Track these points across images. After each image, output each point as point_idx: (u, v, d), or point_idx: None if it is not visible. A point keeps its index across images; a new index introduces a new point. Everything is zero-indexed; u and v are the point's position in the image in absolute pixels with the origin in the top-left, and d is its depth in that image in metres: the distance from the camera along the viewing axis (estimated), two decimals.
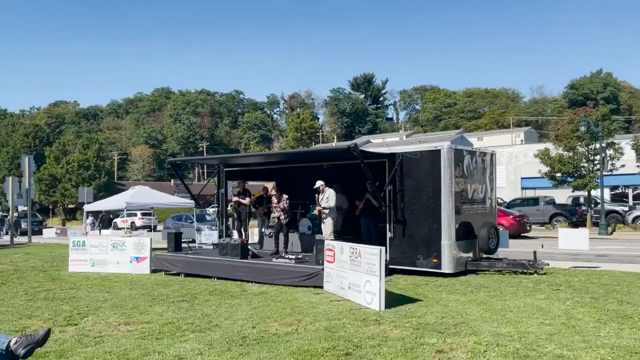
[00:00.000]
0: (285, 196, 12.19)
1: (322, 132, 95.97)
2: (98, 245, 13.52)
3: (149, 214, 31.95)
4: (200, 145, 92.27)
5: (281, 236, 12.40)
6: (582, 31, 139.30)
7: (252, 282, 10.80)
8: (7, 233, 31.54)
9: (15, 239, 29.23)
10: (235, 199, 13.77)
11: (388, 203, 11.47)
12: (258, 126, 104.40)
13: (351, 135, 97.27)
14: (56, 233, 28.91)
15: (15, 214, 36.73)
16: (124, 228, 30.66)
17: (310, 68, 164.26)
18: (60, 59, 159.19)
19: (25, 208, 41.19)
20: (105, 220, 30.77)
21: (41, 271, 13.77)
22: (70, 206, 54.41)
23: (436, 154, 11.08)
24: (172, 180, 50.15)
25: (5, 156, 61.45)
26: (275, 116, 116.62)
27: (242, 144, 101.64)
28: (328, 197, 11.69)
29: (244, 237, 13.69)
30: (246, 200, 13.93)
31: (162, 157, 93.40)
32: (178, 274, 12.48)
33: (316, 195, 11.95)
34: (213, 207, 45.46)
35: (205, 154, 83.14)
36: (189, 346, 5.98)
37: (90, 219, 31.39)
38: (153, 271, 13.00)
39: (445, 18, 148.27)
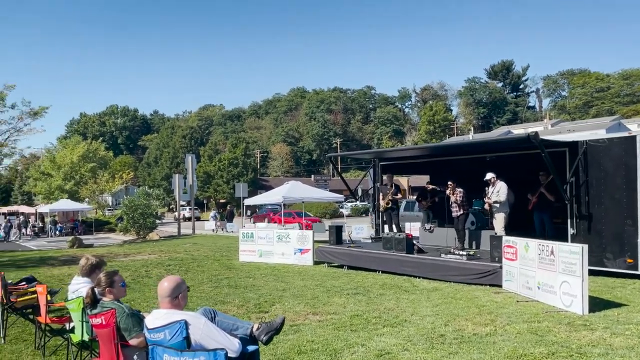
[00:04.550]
0: (459, 190, 11.69)
1: (456, 124, 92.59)
2: (265, 237, 14.25)
3: None
4: (334, 141, 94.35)
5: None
6: None
7: (420, 277, 10.54)
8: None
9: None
10: (390, 196, 13.55)
11: (570, 197, 10.43)
12: (390, 121, 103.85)
13: (488, 127, 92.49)
14: (216, 225, 31.27)
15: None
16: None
17: (443, 59, 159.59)
18: (208, 66, 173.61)
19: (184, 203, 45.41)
20: (229, 213, 33.20)
21: (215, 260, 14.90)
22: (221, 201, 58.92)
23: (630, 140, 9.80)
24: (313, 176, 51.91)
25: (166, 156, 68.55)
26: (407, 110, 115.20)
27: (374, 139, 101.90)
28: (499, 191, 10.97)
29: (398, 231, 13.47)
30: (399, 195, 13.74)
31: (299, 154, 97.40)
32: (341, 266, 12.66)
33: (486, 188, 11.30)
34: (350, 201, 46.44)
35: (338, 150, 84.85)
36: (388, 340, 5.88)
37: (213, 213, 33.85)
38: (315, 263, 13.37)
39: None
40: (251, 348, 3.78)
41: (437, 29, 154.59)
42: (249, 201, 21.81)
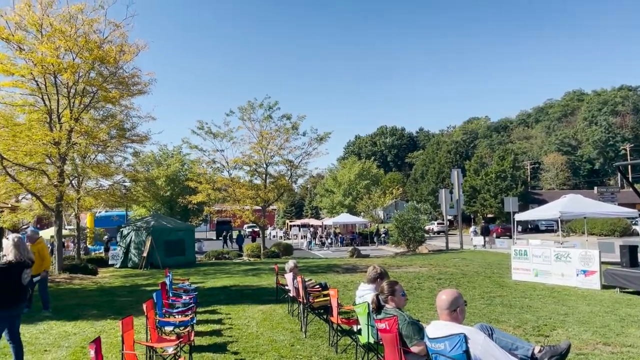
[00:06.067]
0: None
1: None
2: (541, 255, 13.26)
3: None
4: (621, 147, 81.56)
5: None
6: None
7: None
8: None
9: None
10: None
11: None
12: None
13: None
14: (485, 241, 30.50)
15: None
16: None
17: None
18: (471, 79, 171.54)
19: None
20: (483, 228, 32.57)
21: (486, 277, 14.51)
22: (489, 215, 57.03)
23: None
24: (596, 188, 45.74)
25: (432, 171, 70.06)
26: None
27: None
28: None
29: None
30: None
31: (576, 164, 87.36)
32: (637, 293, 10.86)
33: None
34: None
35: (628, 157, 72.95)
36: None
37: (473, 228, 32.95)
38: (603, 287, 11.79)
39: None
40: None
41: None
42: (520, 216, 20.52)
